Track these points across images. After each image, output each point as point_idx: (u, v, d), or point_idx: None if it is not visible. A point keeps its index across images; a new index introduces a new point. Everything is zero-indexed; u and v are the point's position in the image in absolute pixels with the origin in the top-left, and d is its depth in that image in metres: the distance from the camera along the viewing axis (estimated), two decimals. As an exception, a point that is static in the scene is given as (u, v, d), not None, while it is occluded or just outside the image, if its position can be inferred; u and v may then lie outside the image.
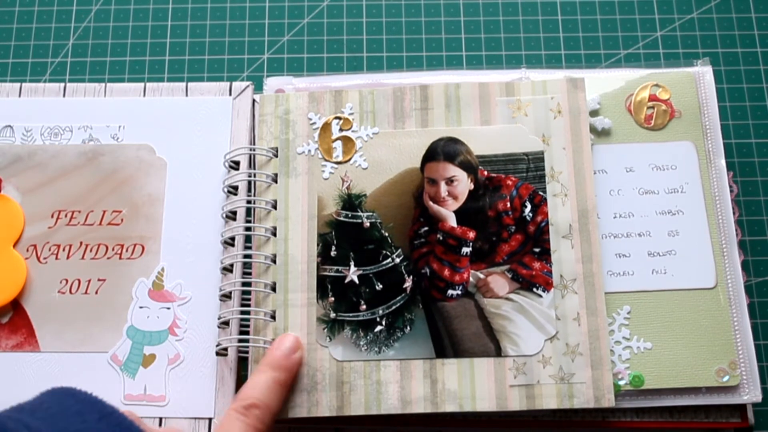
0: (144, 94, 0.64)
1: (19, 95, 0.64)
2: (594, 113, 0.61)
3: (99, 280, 0.59)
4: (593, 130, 0.61)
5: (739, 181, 0.65)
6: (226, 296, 0.58)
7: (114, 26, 0.71)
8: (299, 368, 0.55)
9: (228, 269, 0.58)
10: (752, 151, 0.67)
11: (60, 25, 0.71)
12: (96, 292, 0.59)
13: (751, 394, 0.55)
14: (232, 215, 0.59)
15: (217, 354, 0.57)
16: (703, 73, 0.62)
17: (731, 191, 0.60)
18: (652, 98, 0.61)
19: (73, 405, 0.43)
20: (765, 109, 0.68)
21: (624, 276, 0.58)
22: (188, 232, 0.60)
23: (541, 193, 0.58)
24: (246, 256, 0.58)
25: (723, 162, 0.60)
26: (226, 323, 0.57)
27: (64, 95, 0.64)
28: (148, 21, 0.71)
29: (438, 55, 0.70)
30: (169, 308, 0.58)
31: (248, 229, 0.59)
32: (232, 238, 0.59)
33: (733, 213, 0.59)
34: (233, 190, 0.60)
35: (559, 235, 0.57)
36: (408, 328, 0.57)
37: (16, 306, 0.59)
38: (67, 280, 0.59)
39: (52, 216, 0.61)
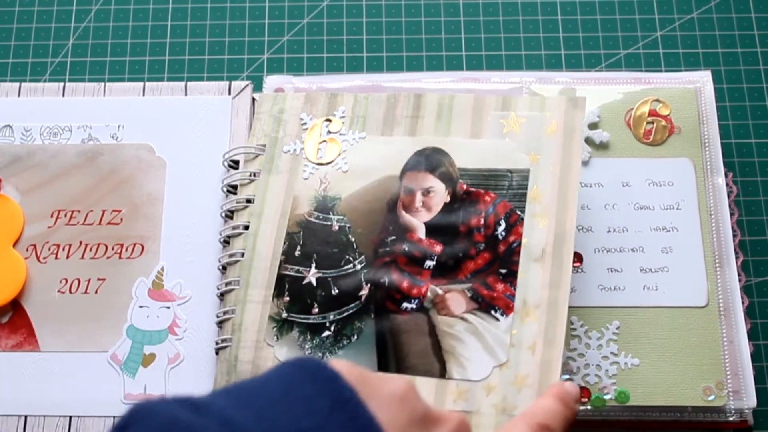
0: (143, 94, 0.64)
1: (19, 95, 0.64)
2: (593, 126, 0.61)
3: (99, 279, 0.59)
4: (591, 143, 0.60)
5: (739, 181, 0.65)
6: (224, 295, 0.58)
7: (114, 26, 0.71)
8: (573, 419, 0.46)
9: (226, 268, 0.58)
10: (752, 151, 0.66)
11: (60, 25, 0.71)
12: (96, 292, 0.59)
13: (738, 415, 0.55)
14: (231, 214, 0.59)
15: (217, 353, 0.57)
16: (704, 84, 0.62)
17: (730, 192, 0.60)
18: (652, 113, 0.61)
19: (301, 387, 0.35)
20: (765, 109, 0.68)
21: (615, 291, 0.57)
22: (188, 231, 0.60)
23: (518, 212, 0.55)
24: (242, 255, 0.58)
25: (721, 180, 0.60)
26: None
27: (63, 95, 0.64)
28: (148, 21, 0.71)
29: (438, 55, 0.70)
30: (168, 308, 0.58)
31: (246, 227, 0.59)
32: (232, 238, 0.59)
33: (732, 214, 0.59)
34: (232, 189, 0.60)
35: (531, 258, 0.54)
36: (355, 336, 0.55)
37: (15, 306, 0.59)
38: (66, 280, 0.59)
39: (52, 216, 0.61)
